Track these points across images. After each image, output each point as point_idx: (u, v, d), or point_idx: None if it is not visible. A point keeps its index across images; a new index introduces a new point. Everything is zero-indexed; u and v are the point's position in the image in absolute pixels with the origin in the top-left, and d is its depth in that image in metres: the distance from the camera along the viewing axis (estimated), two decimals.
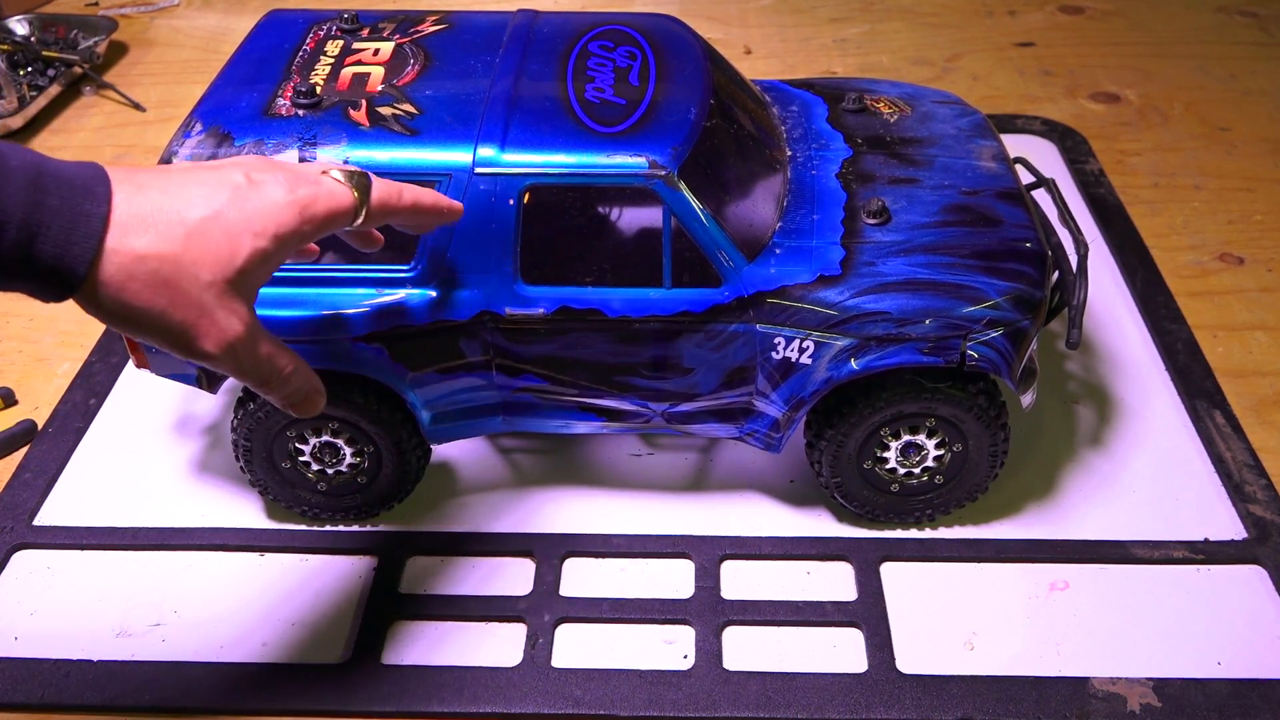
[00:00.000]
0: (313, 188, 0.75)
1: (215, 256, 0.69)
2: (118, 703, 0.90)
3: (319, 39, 1.03)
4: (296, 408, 0.80)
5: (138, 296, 0.68)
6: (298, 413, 0.81)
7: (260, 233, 0.71)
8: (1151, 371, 1.20)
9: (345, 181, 0.78)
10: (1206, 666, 0.92)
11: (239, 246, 0.70)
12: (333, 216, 0.76)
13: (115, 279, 0.67)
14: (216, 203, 0.70)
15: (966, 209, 0.99)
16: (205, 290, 0.69)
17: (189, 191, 0.70)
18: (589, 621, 0.96)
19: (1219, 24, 1.90)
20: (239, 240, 0.70)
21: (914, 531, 1.03)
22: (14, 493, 1.08)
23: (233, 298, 0.71)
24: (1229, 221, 1.43)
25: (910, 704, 0.89)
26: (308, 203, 0.74)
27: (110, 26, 1.82)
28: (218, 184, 0.72)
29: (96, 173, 0.68)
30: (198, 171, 0.73)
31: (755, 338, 0.94)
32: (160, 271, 0.68)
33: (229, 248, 0.70)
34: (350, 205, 0.77)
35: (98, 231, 0.66)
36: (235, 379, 0.76)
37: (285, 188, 0.74)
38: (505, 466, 1.10)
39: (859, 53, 1.84)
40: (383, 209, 0.80)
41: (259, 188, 0.73)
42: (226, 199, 0.71)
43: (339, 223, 0.77)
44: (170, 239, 0.68)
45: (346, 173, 0.78)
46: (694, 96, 0.96)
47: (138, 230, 0.67)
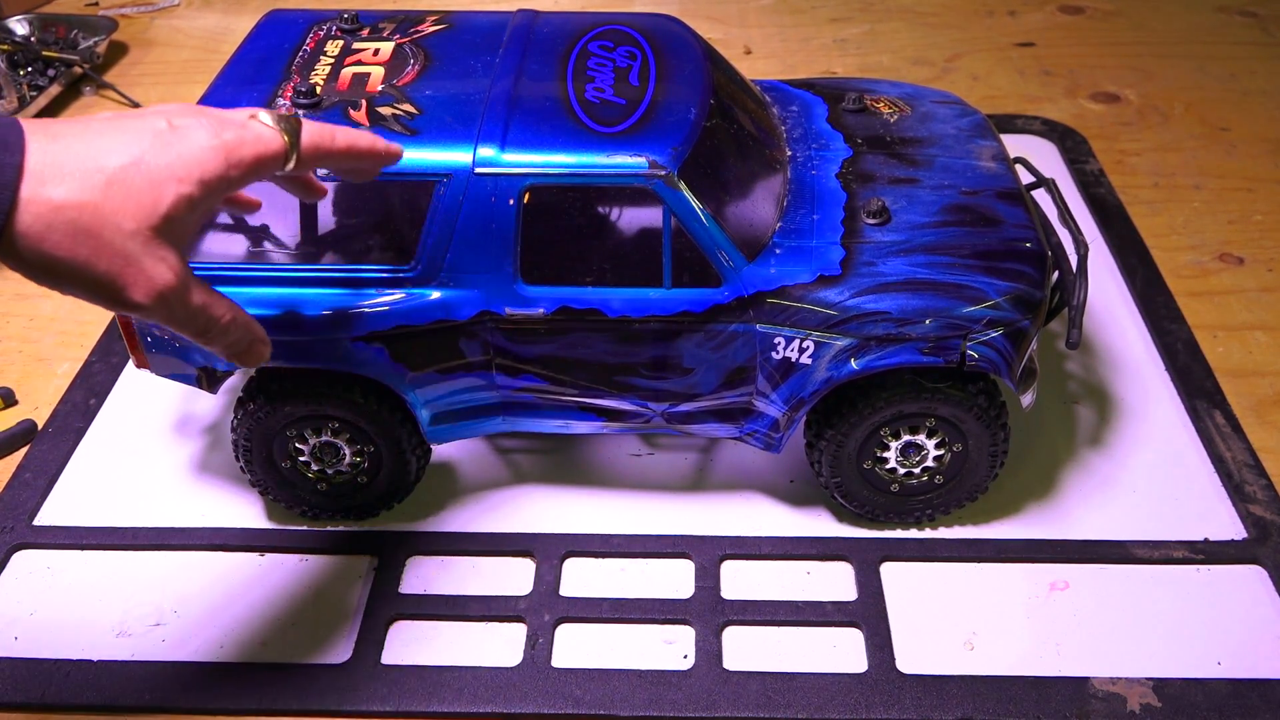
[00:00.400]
0: (238, 131, 0.74)
1: (138, 204, 0.68)
2: (118, 703, 0.90)
3: (319, 39, 1.03)
4: (240, 358, 0.80)
5: (58, 247, 0.67)
6: (242, 363, 0.80)
7: (184, 178, 0.70)
8: (1151, 371, 1.20)
9: (274, 125, 0.76)
10: (1206, 666, 0.92)
11: (162, 193, 0.69)
12: (261, 160, 0.75)
13: (33, 230, 0.66)
14: (137, 149, 0.69)
15: (966, 209, 0.99)
16: (130, 239, 0.68)
17: (108, 139, 0.69)
18: (589, 621, 0.96)
19: (1219, 24, 1.90)
20: (162, 187, 0.69)
21: (914, 531, 1.03)
22: (14, 493, 1.08)
23: (160, 245, 0.69)
24: (1229, 221, 1.43)
25: (910, 704, 0.89)
26: (234, 146, 0.73)
27: (110, 26, 1.82)
28: (139, 131, 0.70)
29: (9, 123, 0.67)
30: (118, 120, 0.72)
31: (755, 338, 0.94)
32: (80, 221, 0.67)
33: (152, 195, 0.69)
34: (279, 149, 0.76)
35: (11, 182, 0.65)
36: (172, 330, 0.75)
37: (209, 132, 0.72)
38: (505, 466, 1.10)
39: (859, 53, 1.84)
40: (315, 152, 0.78)
41: (182, 133, 0.71)
42: (148, 145, 0.70)
43: (269, 167, 0.75)
44: (89, 187, 0.67)
45: (276, 116, 0.77)
46: (694, 96, 0.96)
47: (55, 179, 0.66)
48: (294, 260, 1.00)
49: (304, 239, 1.02)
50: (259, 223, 1.04)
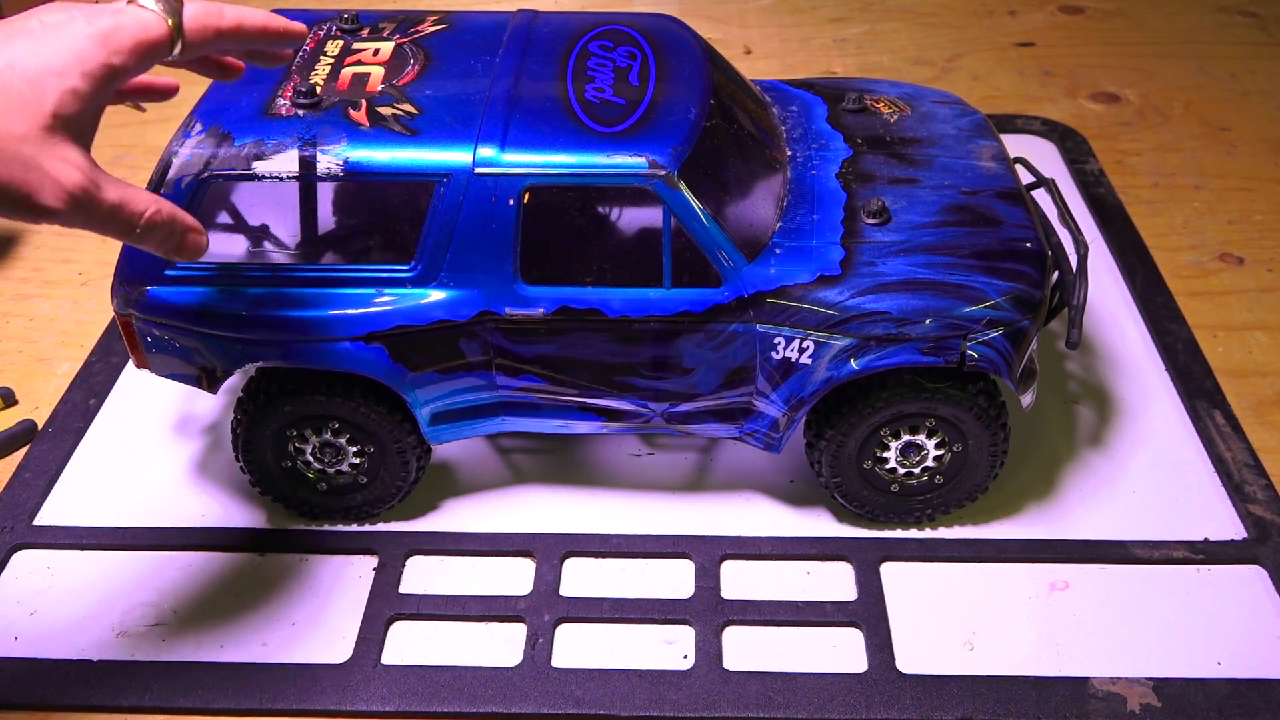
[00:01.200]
0: (113, 17, 0.73)
1: (22, 105, 0.67)
2: (118, 703, 0.90)
3: (319, 39, 1.03)
4: (177, 253, 0.78)
5: None
6: (181, 258, 0.79)
7: (64, 72, 0.69)
8: (1151, 371, 1.20)
9: (154, 8, 0.74)
10: (1206, 666, 0.92)
11: (45, 90, 0.68)
12: (143, 45, 0.73)
13: None
14: (9, 54, 0.68)
15: (966, 209, 0.99)
16: (23, 143, 0.67)
17: None
18: (589, 621, 0.96)
19: (1219, 24, 1.90)
20: (43, 84, 0.68)
21: (914, 531, 1.03)
22: (14, 493, 1.08)
23: (58, 144, 0.68)
24: (1229, 221, 1.43)
25: (910, 704, 0.89)
26: (109, 32, 0.72)
27: None
28: (7, 34, 0.70)
29: None
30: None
31: (755, 338, 0.94)
32: None
33: (34, 94, 0.68)
34: (162, 33, 0.74)
35: None
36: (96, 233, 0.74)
37: (83, 23, 0.71)
38: (505, 466, 1.10)
39: (859, 53, 1.84)
40: (202, 33, 0.76)
41: (54, 29, 0.70)
42: (20, 47, 0.69)
43: (155, 51, 0.74)
44: None
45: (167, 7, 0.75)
46: (694, 96, 0.96)
47: None
48: (294, 260, 1.00)
49: (304, 239, 1.02)
50: (259, 223, 1.04)
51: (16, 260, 1.40)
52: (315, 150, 0.90)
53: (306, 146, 0.90)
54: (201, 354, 0.96)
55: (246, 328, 0.93)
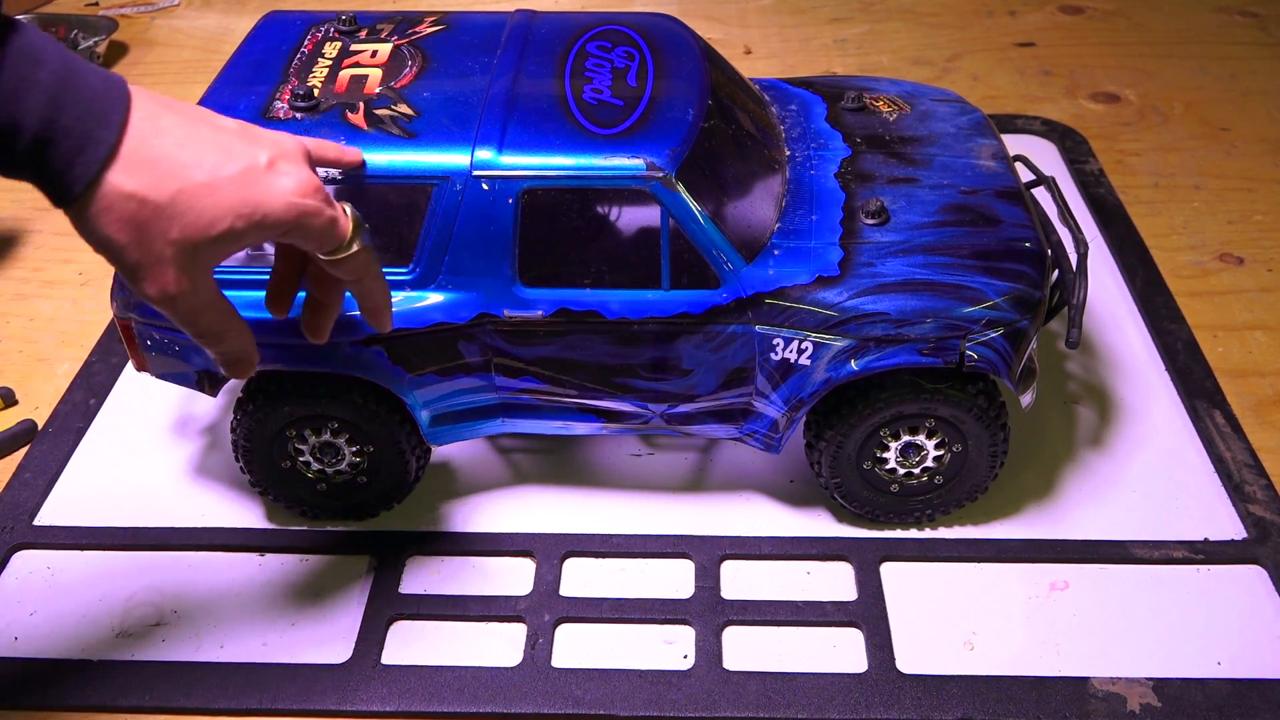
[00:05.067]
0: (321, 204, 0.76)
1: (193, 220, 0.71)
2: (118, 703, 0.91)
3: (317, 40, 1.03)
4: (225, 368, 0.83)
5: (108, 226, 0.69)
6: (225, 372, 0.83)
7: (247, 217, 0.72)
8: (1151, 371, 1.20)
9: (354, 226, 0.79)
10: (1206, 666, 0.92)
11: (218, 222, 0.71)
12: (318, 237, 0.77)
13: (98, 206, 0.69)
14: (223, 173, 0.72)
15: (966, 208, 0.99)
16: (169, 244, 0.71)
17: (204, 152, 0.72)
18: (589, 621, 0.96)
19: (1219, 24, 1.90)
20: (221, 216, 0.71)
21: (914, 531, 1.03)
22: (14, 493, 1.08)
23: (190, 258, 0.72)
24: (1229, 221, 1.43)
25: (910, 704, 0.89)
26: (310, 212, 0.75)
27: (110, 26, 1.82)
28: (236, 156, 0.73)
29: (119, 96, 0.70)
30: (226, 135, 0.74)
31: (754, 339, 0.94)
32: (137, 214, 0.69)
33: (209, 218, 0.71)
34: (339, 242, 0.78)
35: (101, 159, 0.68)
36: None
37: (297, 190, 0.75)
38: (505, 466, 1.10)
39: (859, 53, 1.84)
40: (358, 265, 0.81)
41: (274, 175, 0.74)
42: (235, 174, 0.72)
43: (319, 245, 0.78)
44: (161, 189, 0.69)
45: (359, 221, 0.80)
46: (692, 97, 0.96)
47: (138, 170, 0.69)
48: None
49: None
50: None
51: (16, 260, 1.40)
52: None
53: None
54: (201, 356, 0.96)
55: None
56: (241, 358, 0.82)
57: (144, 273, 0.71)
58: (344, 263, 0.80)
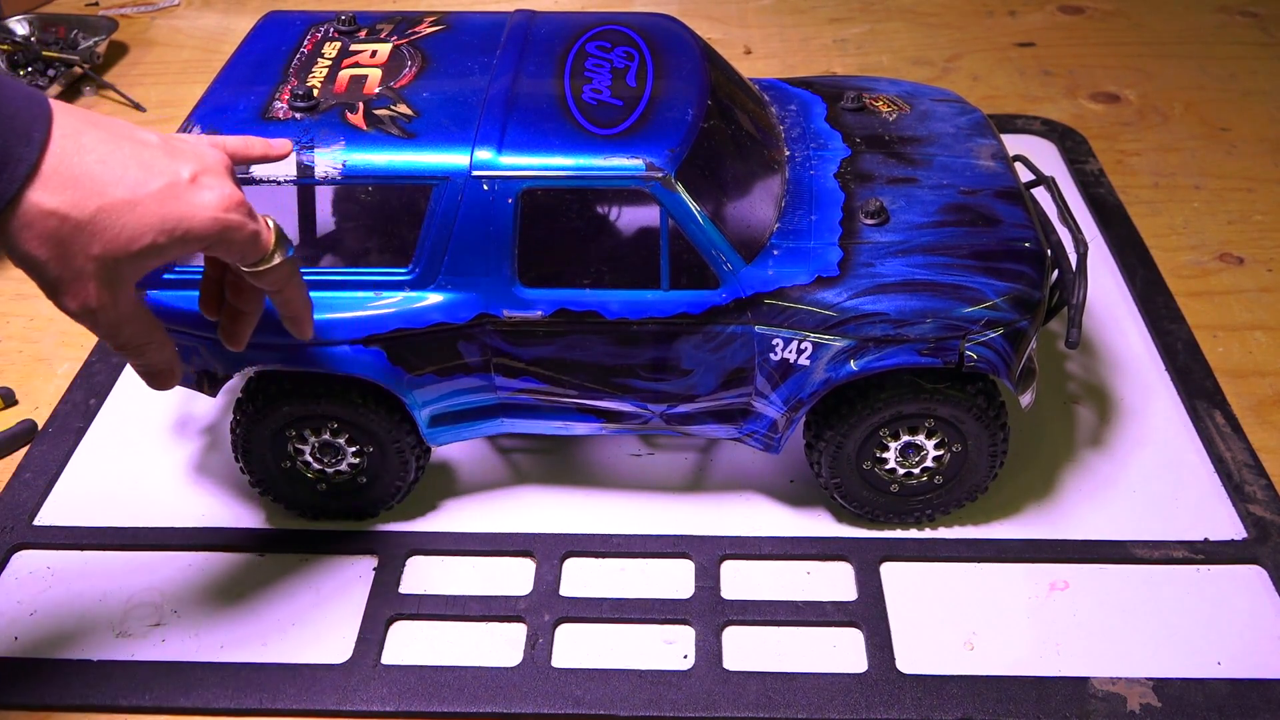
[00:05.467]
0: (244, 218, 0.76)
1: (115, 236, 0.70)
2: (118, 703, 0.91)
3: (316, 41, 1.03)
4: (146, 379, 0.83)
5: (28, 243, 0.69)
6: (147, 384, 0.83)
7: (170, 232, 0.72)
8: (1151, 371, 1.20)
9: (276, 238, 0.79)
10: (1206, 666, 0.92)
11: (140, 237, 0.71)
12: (241, 251, 0.77)
13: (20, 221, 0.69)
14: (144, 190, 0.71)
15: (965, 209, 0.99)
16: (90, 260, 0.70)
17: (126, 169, 0.71)
18: (589, 621, 0.96)
19: (1219, 24, 1.90)
20: (144, 232, 0.71)
21: (914, 531, 1.03)
22: (14, 493, 1.08)
23: (111, 273, 0.72)
24: (1229, 221, 1.43)
25: (910, 704, 0.89)
26: (233, 226, 0.75)
27: (110, 26, 1.82)
28: (158, 171, 0.72)
29: (40, 114, 0.69)
30: (148, 151, 0.73)
31: (753, 339, 0.94)
32: (58, 231, 0.69)
33: (130, 234, 0.71)
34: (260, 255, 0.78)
35: (22, 177, 0.68)
36: None
37: (219, 205, 0.74)
38: (505, 466, 1.10)
39: (859, 53, 1.84)
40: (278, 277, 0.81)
41: (197, 190, 0.74)
42: (157, 189, 0.72)
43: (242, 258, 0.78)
44: (82, 206, 0.69)
45: (280, 232, 0.80)
46: (692, 97, 0.96)
47: (59, 188, 0.69)
48: None
49: (302, 242, 1.02)
50: None
51: None
52: (313, 153, 0.90)
53: (304, 150, 0.90)
54: (201, 357, 0.96)
55: None
56: (163, 370, 0.82)
57: (64, 287, 0.71)
58: (265, 274, 0.80)
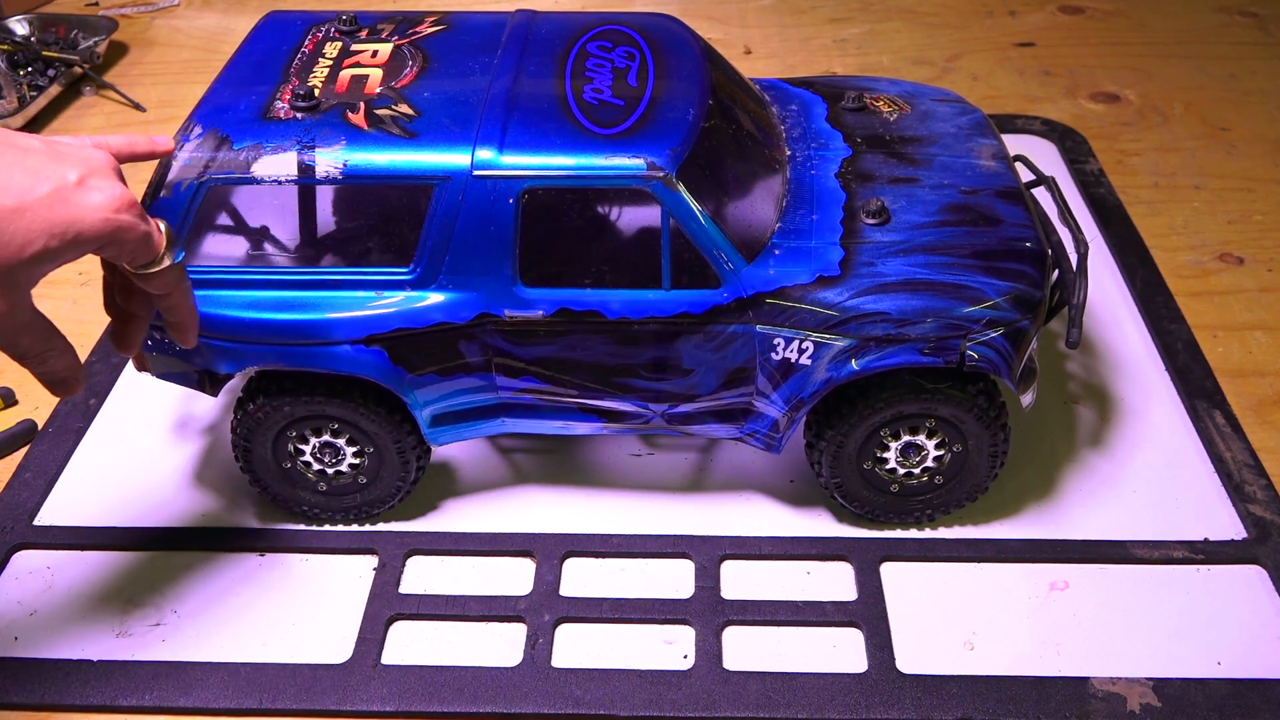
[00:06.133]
0: (135, 218, 0.76)
1: (4, 244, 0.70)
2: (118, 703, 0.91)
3: (317, 40, 1.03)
4: (49, 387, 0.82)
5: None
6: (52, 392, 0.83)
7: (60, 235, 0.72)
8: (1151, 371, 1.20)
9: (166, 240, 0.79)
10: (1206, 666, 0.92)
11: (30, 243, 0.71)
12: (133, 252, 0.77)
13: None
14: (31, 195, 0.71)
15: (966, 208, 0.99)
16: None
17: (10, 176, 0.71)
18: (589, 621, 0.96)
19: (1219, 24, 1.90)
20: (33, 238, 0.71)
21: (914, 531, 1.03)
22: (14, 493, 1.08)
23: (5, 281, 0.72)
24: (1229, 221, 1.43)
25: (910, 704, 0.89)
26: (125, 227, 0.75)
27: (110, 26, 1.82)
28: (44, 177, 0.72)
29: None
30: (33, 157, 0.73)
31: (754, 339, 0.94)
32: None
33: (20, 241, 0.71)
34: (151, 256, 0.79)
35: None
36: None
37: (109, 206, 0.74)
38: (505, 466, 1.10)
39: (859, 53, 1.84)
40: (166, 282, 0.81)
41: (84, 192, 0.73)
42: (44, 194, 0.72)
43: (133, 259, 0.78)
44: None
45: (172, 236, 0.80)
46: (692, 97, 0.96)
47: None
48: (293, 263, 1.00)
49: (303, 242, 1.02)
50: (258, 226, 1.04)
51: None
52: (314, 153, 0.90)
53: (305, 149, 0.90)
54: (202, 356, 0.96)
55: (246, 331, 0.93)
56: (66, 376, 0.81)
57: None
58: (154, 277, 0.80)
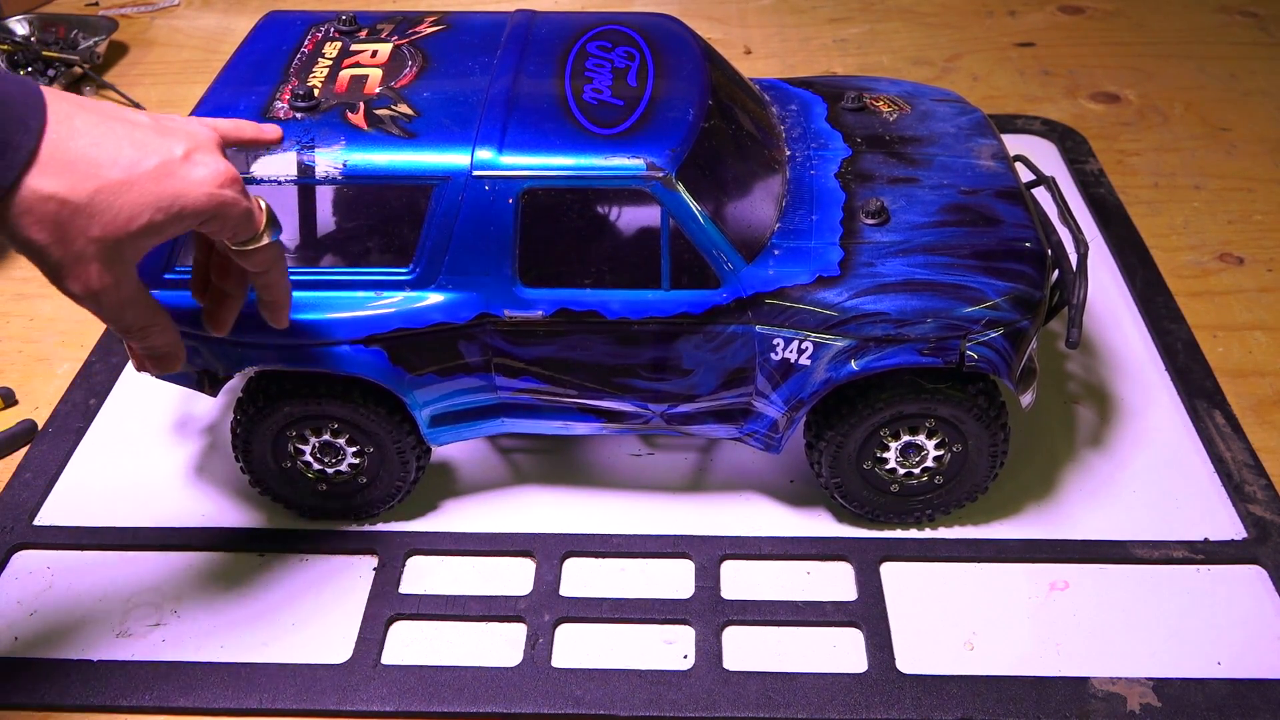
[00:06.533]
0: (238, 194, 0.77)
1: (113, 217, 0.71)
2: (118, 703, 0.91)
3: (317, 40, 1.03)
4: (149, 362, 0.83)
5: (29, 228, 0.70)
6: (149, 366, 0.84)
7: (165, 209, 0.73)
8: (1151, 371, 1.20)
9: (267, 217, 0.80)
10: (1206, 666, 0.92)
11: (138, 216, 0.72)
12: (235, 227, 0.78)
13: (19, 207, 0.69)
14: (140, 169, 0.72)
15: (966, 208, 0.99)
16: (90, 242, 0.71)
17: (120, 149, 0.72)
18: (589, 621, 0.96)
19: (1219, 24, 1.90)
20: (139, 211, 0.72)
21: (914, 531, 1.03)
22: (14, 493, 1.08)
23: (113, 254, 0.73)
24: (1229, 221, 1.43)
25: (910, 704, 0.89)
26: (228, 202, 0.76)
27: (110, 26, 1.82)
28: (151, 150, 0.73)
29: (34, 101, 0.70)
30: (140, 130, 0.74)
31: (754, 339, 0.94)
32: (58, 214, 0.70)
33: (129, 214, 0.72)
34: (252, 233, 0.79)
35: (22, 163, 0.69)
36: None
37: (214, 181, 0.75)
38: (505, 466, 1.10)
39: (859, 53, 1.84)
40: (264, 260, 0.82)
41: (190, 167, 0.74)
42: (151, 168, 0.73)
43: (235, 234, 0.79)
44: (79, 189, 0.70)
45: (271, 214, 0.81)
46: (692, 97, 0.96)
47: (56, 172, 0.70)
48: (293, 263, 1.00)
49: (303, 242, 1.02)
50: None
51: (17, 260, 1.40)
52: (313, 153, 0.90)
53: (305, 150, 0.90)
54: (201, 356, 0.96)
55: (246, 331, 0.93)
56: (167, 353, 0.82)
57: (66, 271, 0.72)
58: (254, 254, 0.80)
